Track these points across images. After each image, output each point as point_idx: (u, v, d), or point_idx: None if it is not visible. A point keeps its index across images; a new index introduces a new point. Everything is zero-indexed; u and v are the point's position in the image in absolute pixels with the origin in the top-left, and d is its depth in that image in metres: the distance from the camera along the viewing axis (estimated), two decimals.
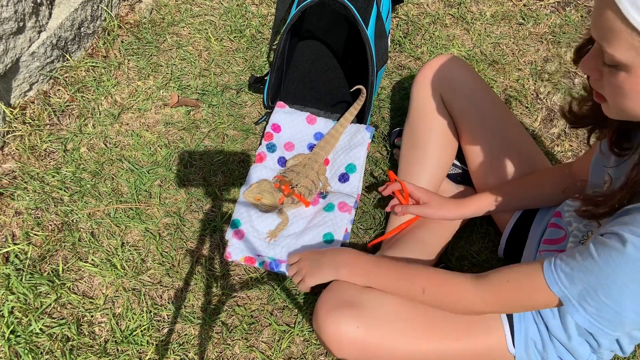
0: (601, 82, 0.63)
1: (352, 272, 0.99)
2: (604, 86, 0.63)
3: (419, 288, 0.92)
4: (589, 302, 0.72)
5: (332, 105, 1.52)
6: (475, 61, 1.64)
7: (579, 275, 0.72)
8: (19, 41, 1.36)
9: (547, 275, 0.76)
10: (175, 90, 1.55)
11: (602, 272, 0.69)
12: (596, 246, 0.70)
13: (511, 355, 0.96)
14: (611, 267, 0.68)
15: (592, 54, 0.63)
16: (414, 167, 1.24)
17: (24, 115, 1.45)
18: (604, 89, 0.64)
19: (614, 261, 0.67)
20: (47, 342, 1.16)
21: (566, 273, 0.74)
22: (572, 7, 1.79)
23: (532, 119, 1.54)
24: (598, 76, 0.63)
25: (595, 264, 0.70)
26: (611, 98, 0.63)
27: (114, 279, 1.25)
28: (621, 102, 0.62)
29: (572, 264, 0.73)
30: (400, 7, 1.76)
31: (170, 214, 1.34)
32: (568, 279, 0.73)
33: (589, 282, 0.71)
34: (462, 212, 1.14)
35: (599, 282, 0.70)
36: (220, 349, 1.18)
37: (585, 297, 0.72)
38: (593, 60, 0.63)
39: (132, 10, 1.71)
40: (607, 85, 0.62)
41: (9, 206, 1.33)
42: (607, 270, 0.68)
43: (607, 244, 0.69)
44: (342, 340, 0.92)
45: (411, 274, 0.95)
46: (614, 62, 0.58)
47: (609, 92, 0.63)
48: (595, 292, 0.71)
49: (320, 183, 1.36)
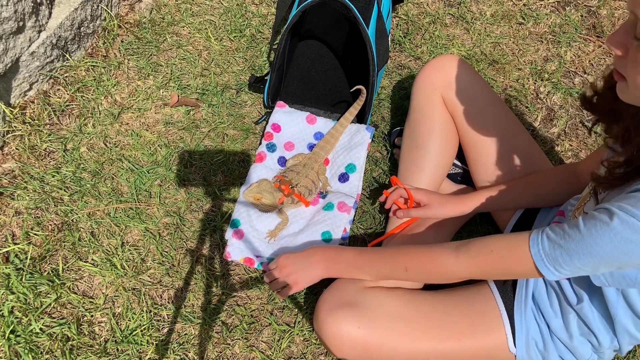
0: (624, 60, 0.63)
1: (340, 267, 1.01)
2: (626, 64, 0.63)
3: (402, 267, 0.94)
4: (563, 266, 0.74)
5: (332, 105, 1.52)
6: (475, 61, 1.64)
7: (559, 241, 0.74)
8: (19, 41, 1.36)
9: (532, 240, 0.78)
10: (175, 89, 1.55)
11: (584, 240, 0.71)
12: (584, 218, 0.72)
13: (512, 354, 0.96)
14: (593, 237, 0.70)
15: (622, 29, 0.63)
16: (414, 167, 1.24)
17: (24, 115, 1.45)
18: (627, 67, 0.63)
19: (597, 232, 0.70)
20: (47, 341, 1.16)
21: (550, 238, 0.76)
22: (572, 6, 1.79)
23: (532, 119, 1.54)
24: (624, 52, 0.63)
25: (578, 233, 0.72)
26: (632, 75, 0.63)
27: (114, 279, 1.25)
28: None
29: (557, 231, 0.75)
30: (401, 7, 1.76)
31: (170, 213, 1.34)
32: (549, 242, 0.76)
33: (568, 247, 0.73)
34: (463, 210, 1.14)
35: (577, 249, 0.72)
36: (220, 348, 1.18)
37: (559, 260, 0.74)
38: (622, 35, 0.63)
39: (132, 10, 1.71)
40: (630, 61, 0.62)
41: (9, 206, 1.33)
42: (589, 239, 0.71)
43: (594, 216, 0.71)
44: (342, 340, 0.92)
45: (393, 255, 0.96)
46: None
47: (631, 69, 0.63)
48: (571, 258, 0.73)
49: (320, 183, 1.36)
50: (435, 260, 0.91)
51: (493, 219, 1.28)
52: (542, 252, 0.76)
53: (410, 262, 0.93)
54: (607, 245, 0.69)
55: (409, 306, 0.97)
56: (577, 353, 0.93)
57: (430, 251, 0.92)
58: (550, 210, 1.09)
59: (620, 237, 0.68)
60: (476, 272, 0.88)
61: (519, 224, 1.14)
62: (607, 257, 0.70)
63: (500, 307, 0.97)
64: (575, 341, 0.92)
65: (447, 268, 0.89)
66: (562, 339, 0.93)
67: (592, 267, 0.74)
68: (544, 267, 0.77)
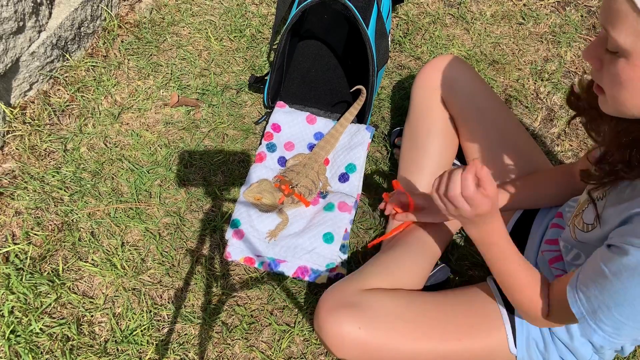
0: (601, 73, 0.64)
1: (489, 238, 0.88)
2: (603, 77, 0.64)
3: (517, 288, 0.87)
4: (604, 321, 0.71)
5: (332, 105, 1.52)
6: (476, 61, 1.64)
7: (594, 293, 0.71)
8: (19, 41, 1.36)
9: (569, 296, 0.74)
10: (175, 90, 1.55)
11: (614, 288, 0.68)
12: (604, 262, 0.70)
13: (513, 355, 0.96)
14: (621, 282, 0.67)
15: (595, 41, 0.63)
16: (414, 167, 1.24)
17: (24, 115, 1.45)
18: (603, 80, 0.64)
19: (621, 275, 0.67)
20: (47, 341, 1.16)
21: (584, 292, 0.72)
22: (572, 6, 1.79)
23: (532, 119, 1.54)
24: (598, 66, 0.63)
25: (607, 280, 0.69)
26: (609, 89, 0.63)
27: (114, 279, 1.25)
28: (618, 93, 0.62)
29: (590, 284, 0.72)
30: (401, 7, 1.76)
31: (170, 213, 1.34)
32: (585, 297, 0.72)
33: (603, 299, 0.70)
34: None
35: (612, 299, 0.69)
36: (220, 348, 1.18)
37: (600, 315, 0.71)
38: (596, 47, 0.63)
39: (132, 10, 1.71)
40: (605, 75, 0.63)
41: (9, 206, 1.33)
42: (618, 285, 0.68)
43: (613, 259, 0.68)
44: (343, 340, 0.92)
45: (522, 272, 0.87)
46: (616, 47, 0.58)
47: (607, 82, 0.63)
48: (610, 310, 0.70)
49: (320, 183, 1.36)
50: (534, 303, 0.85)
51: None
52: (583, 309, 0.73)
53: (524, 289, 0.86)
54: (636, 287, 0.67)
55: (409, 306, 0.97)
56: (578, 354, 0.93)
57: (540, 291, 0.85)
58: (549, 211, 1.09)
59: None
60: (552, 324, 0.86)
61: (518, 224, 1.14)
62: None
63: (501, 307, 0.97)
64: (576, 342, 0.92)
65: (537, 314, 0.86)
66: (563, 339, 0.93)
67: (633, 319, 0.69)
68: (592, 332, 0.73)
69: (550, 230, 1.03)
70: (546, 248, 1.02)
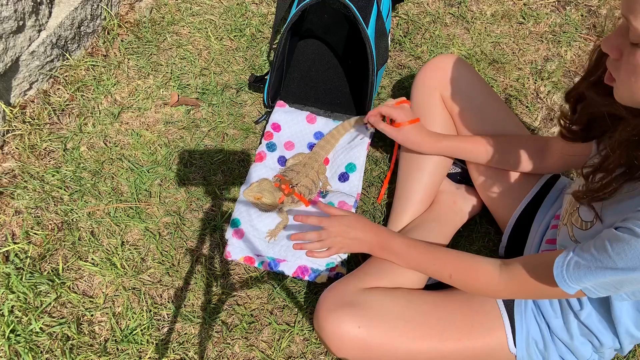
0: (618, 63, 0.63)
1: (385, 254, 1.04)
2: (620, 67, 0.63)
3: (447, 273, 0.95)
4: (584, 282, 0.73)
5: (332, 105, 1.52)
6: (476, 60, 1.64)
7: (589, 264, 0.72)
8: (19, 40, 1.36)
9: (555, 273, 0.75)
10: (175, 89, 1.55)
11: (613, 262, 0.68)
12: (609, 240, 0.70)
13: (512, 354, 0.96)
14: (624, 260, 0.67)
15: (617, 32, 0.63)
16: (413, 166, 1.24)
17: (23, 114, 1.45)
18: (620, 70, 0.63)
19: (626, 255, 0.67)
20: (47, 341, 1.16)
21: (577, 263, 0.73)
22: (572, 6, 1.79)
23: (532, 118, 1.54)
24: (617, 55, 0.63)
25: (609, 258, 0.69)
26: (626, 79, 0.62)
27: (114, 278, 1.25)
28: (635, 84, 0.61)
29: (586, 256, 0.72)
30: (401, 6, 1.76)
31: (170, 213, 1.34)
32: (575, 265, 0.73)
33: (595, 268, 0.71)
34: (437, 146, 1.16)
35: (606, 270, 0.70)
36: (220, 348, 1.18)
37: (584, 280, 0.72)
38: (617, 38, 0.62)
39: (132, 9, 1.71)
40: (624, 65, 0.62)
41: (8, 205, 1.33)
42: (621, 263, 0.68)
43: (620, 237, 0.68)
44: (343, 339, 0.92)
45: (440, 258, 0.98)
46: (637, 38, 0.57)
47: (624, 73, 0.62)
48: (595, 277, 0.71)
49: (320, 182, 1.36)
50: (480, 275, 0.91)
51: (493, 219, 1.28)
52: (565, 273, 0.74)
53: (456, 271, 0.94)
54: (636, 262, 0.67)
55: (409, 306, 0.97)
56: (578, 353, 0.93)
57: (477, 264, 0.92)
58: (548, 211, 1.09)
59: None
60: (515, 292, 0.88)
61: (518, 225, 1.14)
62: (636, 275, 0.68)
63: (500, 307, 0.97)
64: (576, 341, 0.92)
65: (490, 285, 0.90)
66: (563, 339, 0.93)
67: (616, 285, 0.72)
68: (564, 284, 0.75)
69: (550, 231, 1.04)
70: (547, 247, 1.02)
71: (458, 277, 0.94)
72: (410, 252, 1.01)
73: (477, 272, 0.92)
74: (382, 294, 0.99)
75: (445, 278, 0.96)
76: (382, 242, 1.04)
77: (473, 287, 0.94)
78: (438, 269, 0.97)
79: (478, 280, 0.91)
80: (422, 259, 1.00)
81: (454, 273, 0.95)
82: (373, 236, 1.05)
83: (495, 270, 0.89)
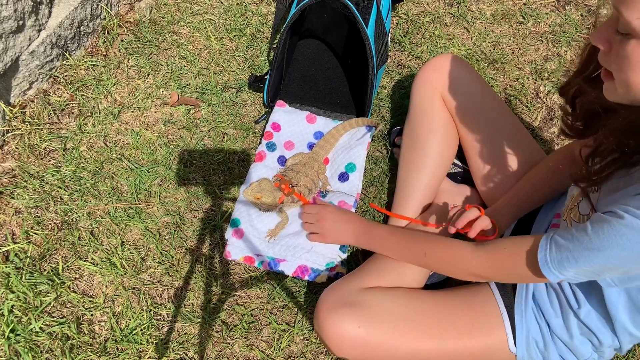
0: (609, 56, 0.63)
1: (369, 241, 1.13)
2: (611, 60, 0.63)
3: (422, 251, 1.00)
4: (567, 269, 0.75)
5: (331, 104, 1.52)
6: (475, 60, 1.64)
7: (568, 245, 0.74)
8: (19, 40, 1.36)
9: (540, 246, 0.78)
10: (175, 89, 1.55)
11: (591, 243, 0.71)
12: (592, 222, 0.72)
13: (512, 354, 0.96)
14: (600, 240, 0.70)
15: (606, 23, 0.63)
16: (414, 166, 1.24)
17: (23, 114, 1.45)
18: (611, 63, 0.63)
19: (604, 235, 0.69)
20: (47, 340, 1.16)
21: (557, 243, 0.76)
22: (572, 6, 1.79)
23: (532, 118, 1.54)
24: (607, 48, 0.63)
25: (586, 236, 0.72)
26: (617, 71, 0.62)
27: (114, 278, 1.25)
28: (627, 75, 0.60)
29: (566, 235, 0.76)
30: (400, 6, 1.76)
31: (170, 212, 1.34)
32: (557, 247, 0.76)
33: (575, 250, 0.73)
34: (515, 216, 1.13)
35: (584, 253, 0.72)
36: (220, 347, 1.18)
37: (565, 264, 0.75)
38: (606, 29, 0.62)
39: (131, 9, 1.71)
40: (614, 57, 0.62)
41: (8, 205, 1.33)
42: (597, 242, 0.70)
43: (602, 219, 0.70)
44: (342, 339, 0.92)
45: (416, 240, 1.03)
46: (627, 28, 0.57)
47: (615, 65, 0.62)
48: (577, 262, 0.73)
49: (320, 182, 1.36)
50: (454, 252, 0.95)
51: None
52: (549, 257, 0.77)
53: (430, 249, 0.99)
54: (614, 248, 0.69)
55: (409, 306, 0.97)
56: (578, 352, 0.93)
57: (451, 243, 0.97)
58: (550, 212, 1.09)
59: (627, 240, 0.67)
60: (489, 270, 0.90)
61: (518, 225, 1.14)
62: (614, 260, 0.70)
63: (500, 306, 0.97)
64: (575, 340, 0.92)
65: (463, 261, 0.93)
66: (563, 338, 0.93)
67: (598, 270, 0.74)
68: (548, 271, 0.77)
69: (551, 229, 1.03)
70: None
71: (432, 254, 0.99)
72: (391, 237, 1.08)
73: (451, 249, 0.96)
74: (382, 293, 0.99)
75: (421, 257, 1.00)
76: (366, 228, 1.14)
77: (446, 264, 0.97)
78: (413, 250, 1.02)
79: (452, 257, 0.95)
80: (402, 242, 1.05)
81: (428, 251, 0.99)
82: (358, 224, 1.16)
83: (469, 247, 0.93)
